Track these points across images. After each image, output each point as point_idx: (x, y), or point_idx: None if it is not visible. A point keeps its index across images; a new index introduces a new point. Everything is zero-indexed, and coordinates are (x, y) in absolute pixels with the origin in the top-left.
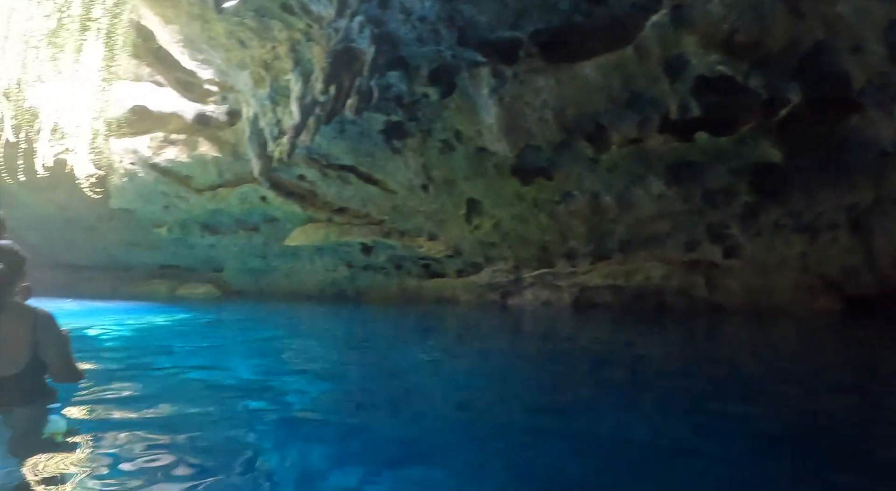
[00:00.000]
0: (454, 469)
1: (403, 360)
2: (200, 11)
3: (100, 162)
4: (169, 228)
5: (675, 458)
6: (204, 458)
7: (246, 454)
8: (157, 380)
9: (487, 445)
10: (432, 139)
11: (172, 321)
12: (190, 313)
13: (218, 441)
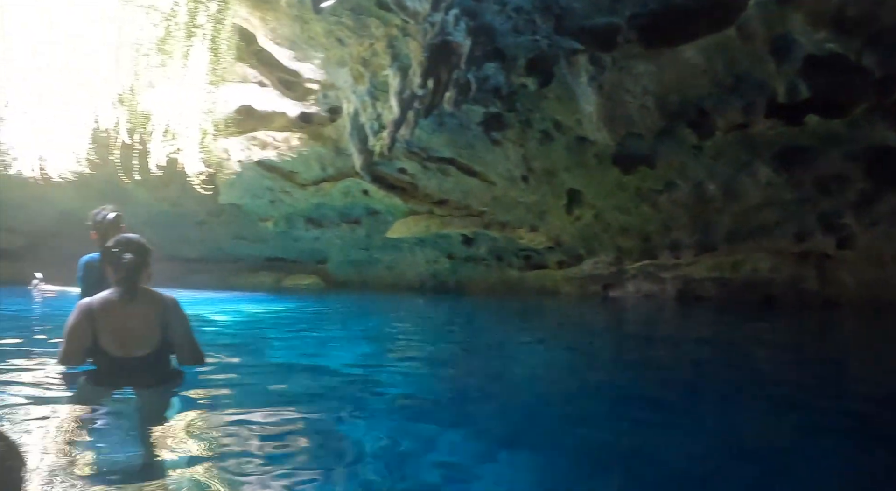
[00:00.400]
0: (549, 458)
1: (504, 350)
2: (299, 13)
3: (209, 160)
4: (275, 222)
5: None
6: (309, 440)
7: (347, 438)
8: (266, 366)
9: (586, 436)
10: (531, 130)
11: (279, 311)
12: (295, 303)
13: (321, 424)
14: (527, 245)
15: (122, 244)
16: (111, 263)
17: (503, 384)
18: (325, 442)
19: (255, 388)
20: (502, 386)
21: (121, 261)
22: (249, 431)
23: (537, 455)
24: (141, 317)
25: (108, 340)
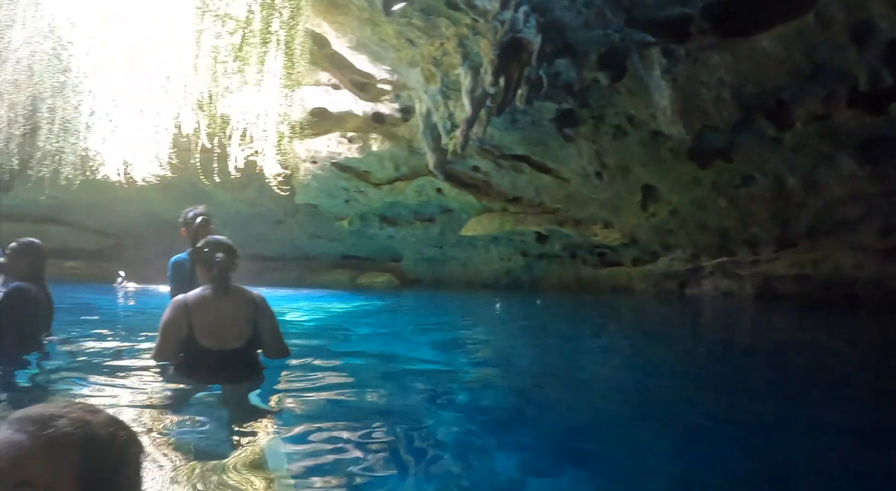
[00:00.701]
0: (618, 464)
1: (578, 349)
2: (370, 16)
3: (286, 162)
4: (350, 221)
5: None
6: (384, 433)
7: (421, 434)
8: (342, 361)
9: (655, 442)
10: (604, 125)
11: (355, 308)
12: (371, 301)
13: (396, 418)
14: (601, 242)
15: (214, 245)
16: (203, 263)
17: (576, 390)
18: (399, 436)
19: (335, 382)
20: (576, 392)
21: (213, 260)
22: (329, 423)
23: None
24: (233, 312)
25: (203, 334)
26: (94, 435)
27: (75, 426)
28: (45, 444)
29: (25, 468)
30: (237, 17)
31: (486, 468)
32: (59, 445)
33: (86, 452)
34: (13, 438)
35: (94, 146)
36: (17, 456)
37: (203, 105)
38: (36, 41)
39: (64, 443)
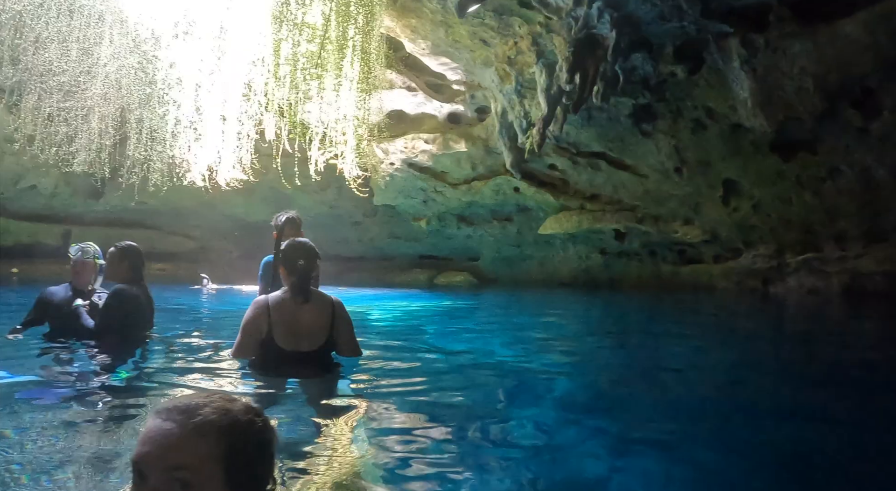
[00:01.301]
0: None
1: (659, 348)
2: (443, 18)
3: (364, 164)
4: (428, 221)
5: None
6: (461, 430)
7: (499, 430)
8: (421, 359)
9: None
10: (683, 119)
11: (435, 307)
12: (449, 300)
13: (475, 415)
14: (681, 239)
15: (295, 249)
16: (285, 266)
17: (658, 387)
18: (477, 433)
19: (414, 379)
20: (656, 389)
21: (294, 264)
22: (394, 416)
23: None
24: (311, 316)
25: (280, 335)
26: (236, 422)
27: (219, 414)
28: (193, 431)
29: (177, 454)
30: (314, 25)
31: (567, 465)
32: (206, 431)
33: (229, 438)
34: (163, 426)
35: (180, 154)
36: (168, 443)
37: (284, 111)
38: (123, 56)
39: (210, 430)
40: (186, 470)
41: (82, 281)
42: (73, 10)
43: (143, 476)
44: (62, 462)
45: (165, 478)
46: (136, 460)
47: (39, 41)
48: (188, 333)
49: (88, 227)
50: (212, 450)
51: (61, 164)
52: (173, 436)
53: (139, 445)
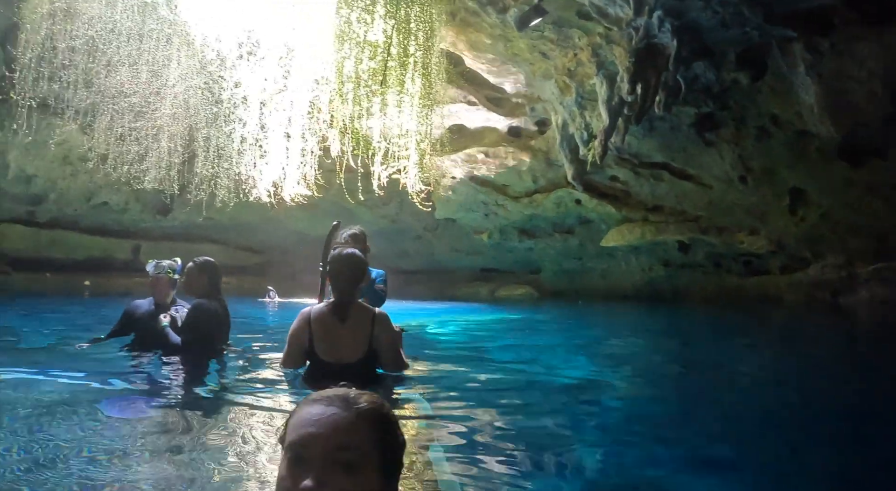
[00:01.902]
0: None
1: (725, 363)
2: (502, 32)
3: (426, 179)
4: (489, 234)
5: None
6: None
7: (559, 446)
8: (479, 373)
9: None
10: (747, 127)
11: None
12: (511, 314)
13: (533, 431)
14: (747, 250)
15: (338, 260)
16: (330, 276)
17: (724, 406)
18: (535, 448)
19: (459, 391)
20: (723, 408)
21: (337, 276)
22: (444, 430)
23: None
24: (351, 328)
25: (320, 347)
26: (387, 415)
27: (374, 406)
28: (357, 416)
29: (345, 436)
30: (376, 43)
31: (633, 482)
32: (367, 418)
33: (385, 426)
34: (328, 410)
35: (246, 170)
36: (336, 426)
37: (348, 127)
38: (190, 77)
39: (370, 417)
40: (352, 451)
41: (159, 295)
42: (142, 34)
43: (302, 459)
44: (145, 473)
45: (329, 459)
46: (297, 443)
47: (111, 65)
48: (260, 346)
49: (157, 241)
50: (372, 435)
51: (133, 181)
52: (341, 419)
53: (299, 430)
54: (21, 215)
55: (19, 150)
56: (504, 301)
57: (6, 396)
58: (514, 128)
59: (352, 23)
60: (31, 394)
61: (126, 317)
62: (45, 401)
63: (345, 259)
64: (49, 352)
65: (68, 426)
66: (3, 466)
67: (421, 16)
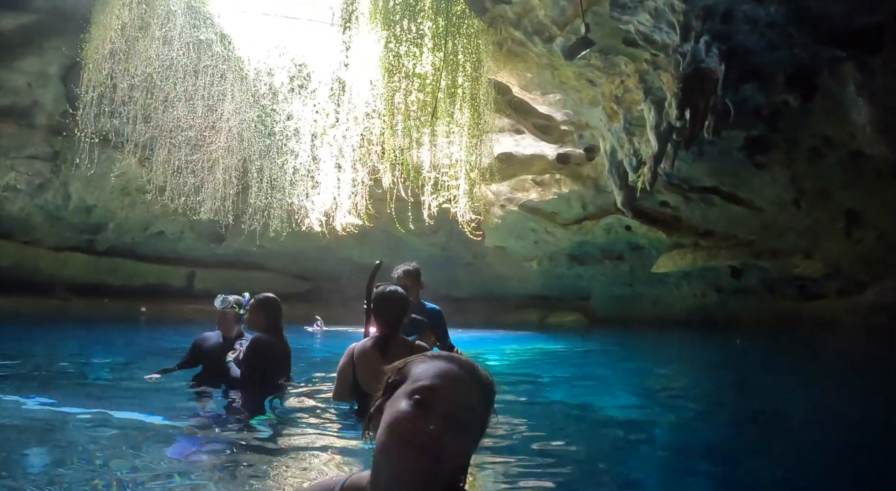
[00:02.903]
0: None
1: (785, 395)
2: (549, 61)
3: (476, 207)
4: (539, 262)
5: None
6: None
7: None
8: (532, 407)
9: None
10: (799, 149)
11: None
12: (562, 343)
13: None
14: (801, 273)
15: (381, 296)
16: (374, 313)
17: (785, 435)
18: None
19: (522, 425)
20: (784, 437)
21: (380, 312)
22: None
23: None
24: (392, 362)
25: (364, 381)
26: (492, 384)
27: (492, 381)
28: (483, 386)
29: (468, 395)
30: (424, 75)
31: None
32: (489, 390)
33: (492, 402)
34: (455, 369)
35: (298, 201)
36: (462, 383)
37: (398, 158)
38: (244, 111)
39: (490, 390)
40: (473, 413)
41: (225, 329)
42: (197, 70)
43: (429, 405)
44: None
45: (451, 413)
46: (431, 389)
47: (168, 100)
48: (319, 377)
49: (211, 269)
50: (486, 405)
51: (189, 212)
52: (466, 379)
53: (435, 379)
54: (81, 244)
55: (81, 183)
56: (554, 328)
57: (75, 431)
58: (563, 155)
59: (400, 56)
60: (97, 431)
61: (194, 349)
62: (109, 435)
63: (387, 296)
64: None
65: (131, 463)
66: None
67: (468, 47)
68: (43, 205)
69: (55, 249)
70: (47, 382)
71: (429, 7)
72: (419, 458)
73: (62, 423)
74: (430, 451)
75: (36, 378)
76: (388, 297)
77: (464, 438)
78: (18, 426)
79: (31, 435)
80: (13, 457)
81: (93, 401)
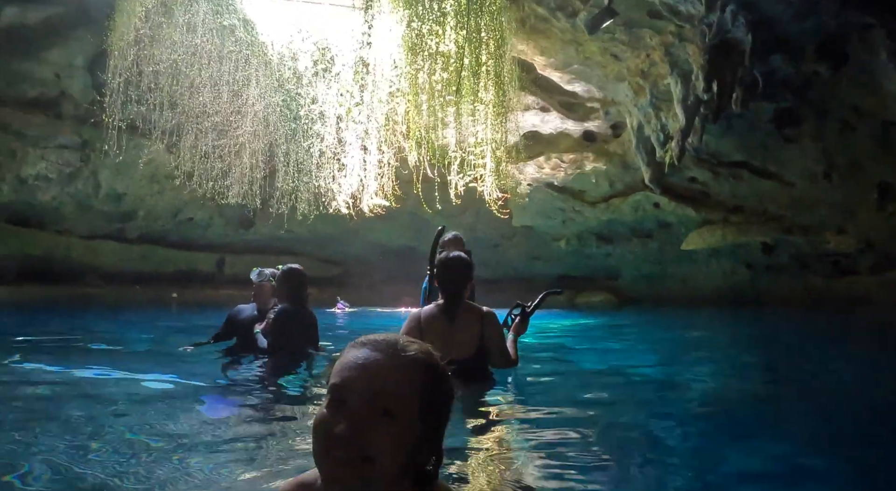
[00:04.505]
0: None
1: (814, 370)
2: (573, 36)
3: (503, 186)
4: (567, 241)
5: None
6: (607, 439)
7: (644, 440)
8: (569, 373)
9: None
10: (829, 120)
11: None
12: (593, 319)
13: (619, 426)
14: (834, 249)
15: (446, 262)
16: (438, 278)
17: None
18: (621, 443)
19: (559, 390)
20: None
21: (446, 277)
22: (552, 427)
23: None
24: (461, 327)
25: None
26: (435, 365)
27: (424, 354)
28: (402, 363)
29: (385, 381)
30: (448, 53)
31: (719, 481)
32: (413, 366)
33: (428, 377)
34: (374, 355)
35: (325, 184)
36: (378, 370)
37: (423, 138)
38: (269, 95)
39: (415, 365)
40: (391, 397)
41: (260, 301)
42: (222, 56)
43: (342, 402)
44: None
45: (369, 404)
46: (339, 385)
47: (194, 87)
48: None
49: (240, 254)
50: (416, 382)
51: (217, 197)
52: (384, 365)
53: (342, 372)
54: (112, 232)
55: (109, 170)
56: (583, 308)
57: (109, 392)
58: (589, 132)
59: (423, 34)
60: (131, 390)
61: (228, 321)
62: (143, 397)
63: (453, 262)
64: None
65: (165, 421)
66: (103, 459)
67: (491, 25)
68: (73, 194)
69: (86, 238)
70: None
71: None
72: (348, 461)
73: (98, 388)
74: (354, 451)
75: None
76: (454, 262)
77: (397, 426)
78: (57, 393)
79: (68, 400)
80: (52, 420)
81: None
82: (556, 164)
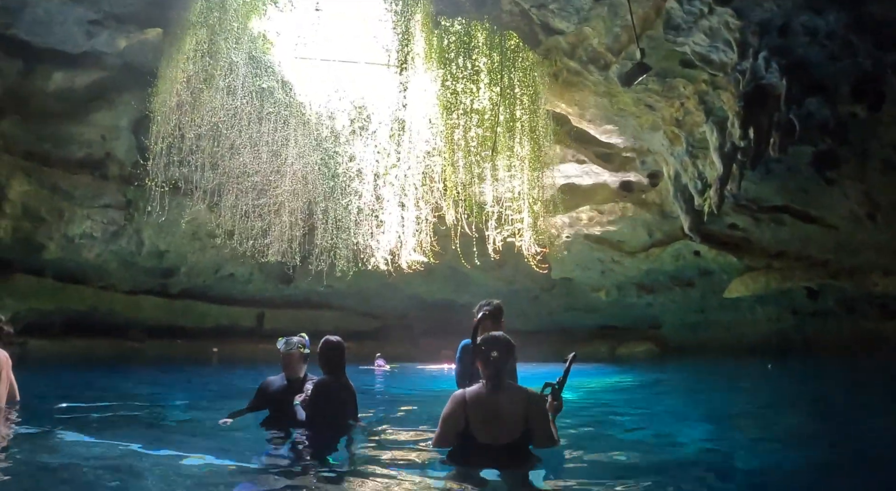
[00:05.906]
0: None
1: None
2: (606, 89)
3: (541, 240)
4: (607, 291)
5: None
6: None
7: None
8: (613, 441)
9: None
10: (870, 161)
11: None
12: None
13: None
14: (882, 292)
15: (489, 342)
16: (481, 359)
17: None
18: None
19: (604, 463)
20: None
21: (489, 358)
22: None
23: None
24: (507, 410)
25: (477, 429)
26: None
27: None
28: None
29: None
30: (482, 110)
31: None
32: None
33: None
34: None
35: (364, 240)
36: None
37: (460, 195)
38: (307, 154)
39: None
40: None
41: (291, 371)
42: (261, 117)
43: None
44: None
45: None
46: None
47: (234, 148)
48: (383, 421)
49: (280, 309)
50: None
51: (257, 255)
52: None
53: None
54: (154, 287)
55: (153, 229)
56: (625, 359)
57: (147, 472)
58: (626, 182)
59: (458, 93)
60: (170, 473)
61: (260, 393)
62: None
63: (498, 340)
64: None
65: None
66: None
67: (524, 80)
68: (117, 251)
69: (130, 293)
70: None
71: (483, 43)
72: None
73: (134, 465)
74: None
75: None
76: (495, 341)
77: None
78: (92, 467)
79: (102, 475)
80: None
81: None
82: (593, 215)
